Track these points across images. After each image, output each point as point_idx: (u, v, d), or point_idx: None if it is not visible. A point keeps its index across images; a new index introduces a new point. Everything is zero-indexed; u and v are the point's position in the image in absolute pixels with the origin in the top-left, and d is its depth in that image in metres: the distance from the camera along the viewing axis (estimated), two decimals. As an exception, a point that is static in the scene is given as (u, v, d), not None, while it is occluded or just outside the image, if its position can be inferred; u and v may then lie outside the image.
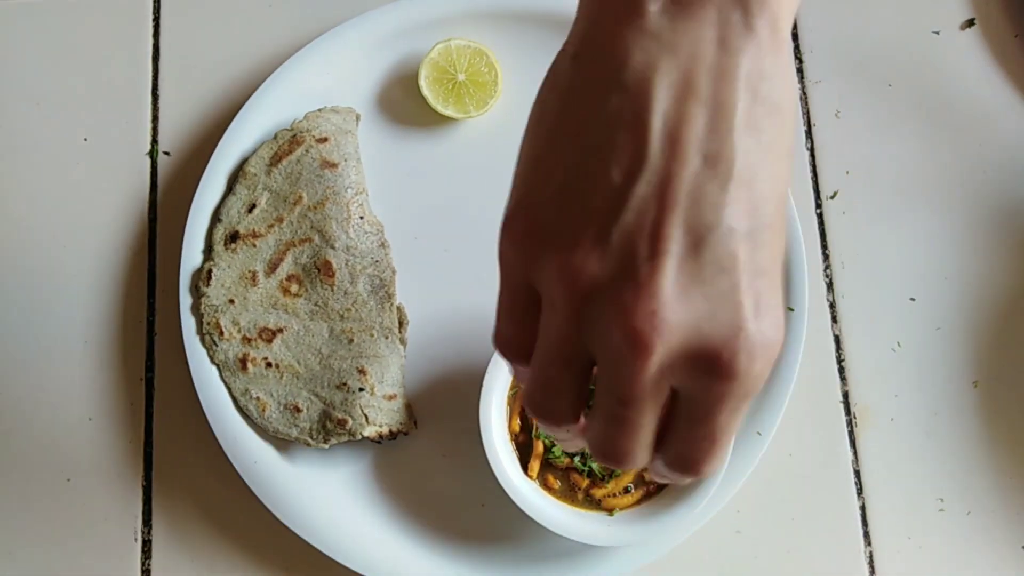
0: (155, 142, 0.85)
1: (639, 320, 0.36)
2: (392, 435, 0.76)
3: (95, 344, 0.82)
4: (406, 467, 0.78)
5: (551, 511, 0.72)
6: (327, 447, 0.76)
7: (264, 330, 0.78)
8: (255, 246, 0.78)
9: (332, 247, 0.78)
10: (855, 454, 0.81)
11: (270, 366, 0.77)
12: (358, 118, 0.83)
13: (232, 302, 0.78)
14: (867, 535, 0.79)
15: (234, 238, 0.79)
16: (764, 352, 0.37)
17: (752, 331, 0.37)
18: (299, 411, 0.76)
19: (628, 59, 0.38)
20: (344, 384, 0.76)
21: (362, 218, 0.79)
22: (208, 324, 0.78)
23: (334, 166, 0.79)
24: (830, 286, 0.84)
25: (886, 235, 0.84)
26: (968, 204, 0.85)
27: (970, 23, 0.89)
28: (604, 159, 0.38)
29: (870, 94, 0.87)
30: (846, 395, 0.82)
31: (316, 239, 0.78)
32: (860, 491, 0.80)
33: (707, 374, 0.37)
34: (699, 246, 0.37)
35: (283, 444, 0.78)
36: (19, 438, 0.80)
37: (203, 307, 0.78)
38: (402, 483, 0.78)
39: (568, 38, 0.43)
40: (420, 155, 0.84)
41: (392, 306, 0.79)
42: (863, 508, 0.80)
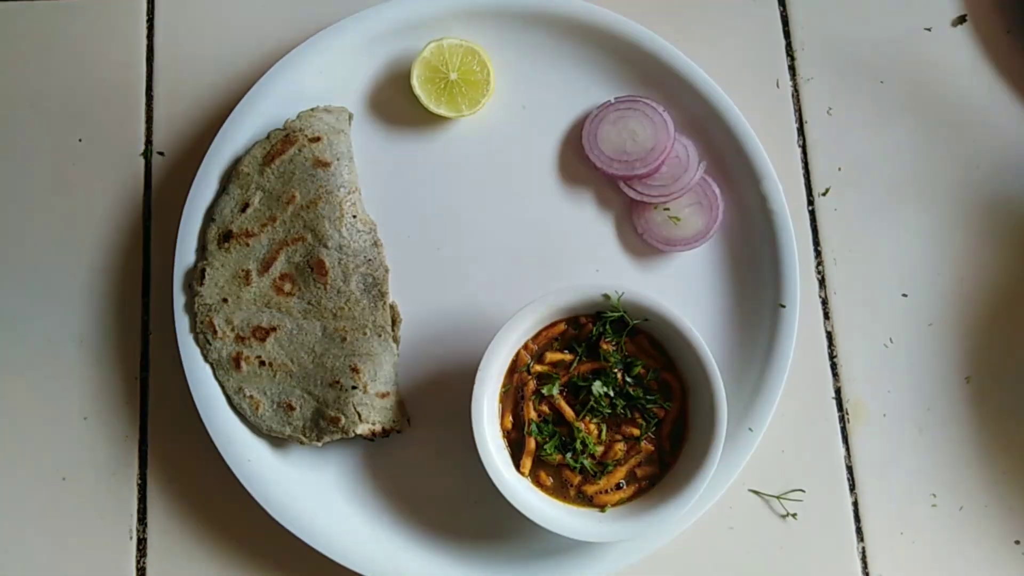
0: (149, 142, 0.86)
1: None
2: (385, 433, 0.76)
3: (90, 343, 0.82)
4: (399, 464, 0.79)
5: (543, 508, 0.72)
6: (320, 445, 0.76)
7: (257, 329, 0.78)
8: (248, 245, 0.79)
9: (325, 246, 0.78)
10: (847, 450, 0.81)
11: (263, 364, 0.78)
12: (351, 117, 0.83)
13: (226, 301, 0.78)
14: (859, 531, 0.79)
15: (227, 237, 0.79)
16: None
17: None
18: (292, 409, 0.77)
19: None
20: (337, 382, 0.76)
21: (355, 217, 0.79)
22: (202, 323, 0.78)
23: (327, 165, 0.79)
24: (822, 282, 0.84)
25: (878, 231, 0.84)
26: (960, 200, 0.85)
27: (962, 19, 0.89)
28: None
29: (862, 91, 0.87)
30: (838, 391, 0.82)
31: (309, 238, 0.78)
32: (853, 487, 0.80)
33: None
34: None
35: (276, 442, 0.78)
36: (14, 437, 0.80)
37: (197, 306, 0.79)
38: (395, 480, 0.78)
39: None
40: (413, 154, 0.84)
41: (385, 304, 0.79)
42: (856, 504, 0.80)
